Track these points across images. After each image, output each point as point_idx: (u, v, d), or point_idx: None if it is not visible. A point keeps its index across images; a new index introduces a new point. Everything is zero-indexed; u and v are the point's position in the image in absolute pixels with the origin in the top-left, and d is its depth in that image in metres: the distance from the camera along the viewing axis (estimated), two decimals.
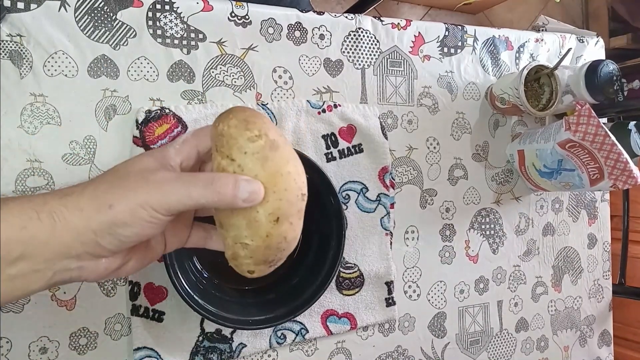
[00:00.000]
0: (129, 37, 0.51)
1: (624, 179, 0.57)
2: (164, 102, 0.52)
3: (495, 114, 0.70)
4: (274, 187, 0.31)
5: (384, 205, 0.61)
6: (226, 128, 0.32)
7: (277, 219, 0.31)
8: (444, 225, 0.67)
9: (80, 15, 0.49)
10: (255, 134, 0.32)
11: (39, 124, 0.47)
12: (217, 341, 0.54)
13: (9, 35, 0.46)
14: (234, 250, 0.33)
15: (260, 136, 0.32)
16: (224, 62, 0.55)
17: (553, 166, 0.63)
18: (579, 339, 0.77)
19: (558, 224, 0.75)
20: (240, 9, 0.55)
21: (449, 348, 0.67)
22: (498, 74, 0.70)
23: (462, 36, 0.68)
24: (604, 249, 0.79)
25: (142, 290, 0.51)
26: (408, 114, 0.64)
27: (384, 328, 0.63)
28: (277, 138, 0.32)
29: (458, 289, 0.67)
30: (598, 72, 0.60)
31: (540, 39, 0.73)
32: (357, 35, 0.61)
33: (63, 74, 0.48)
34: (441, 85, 0.66)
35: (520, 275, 0.72)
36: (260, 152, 0.31)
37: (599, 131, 0.55)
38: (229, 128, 0.32)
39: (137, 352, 0.50)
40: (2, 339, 0.46)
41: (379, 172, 0.61)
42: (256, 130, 0.32)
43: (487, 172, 0.70)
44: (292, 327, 0.57)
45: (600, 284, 0.79)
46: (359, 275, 0.60)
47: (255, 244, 0.32)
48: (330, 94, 0.60)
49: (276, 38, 0.57)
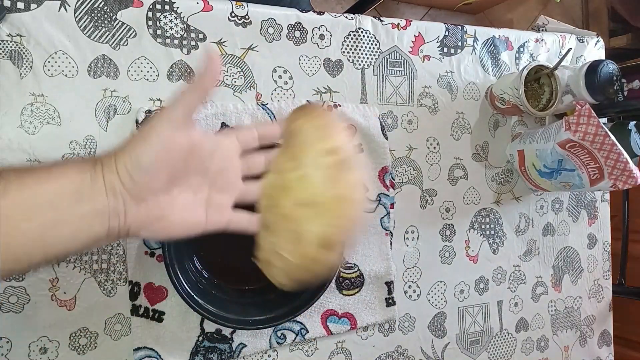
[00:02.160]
0: (129, 37, 0.51)
1: (624, 179, 0.57)
2: (164, 102, 0.52)
3: (495, 114, 0.70)
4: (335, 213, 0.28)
5: (384, 205, 0.61)
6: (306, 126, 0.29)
7: (325, 245, 0.28)
8: (444, 225, 0.67)
9: (80, 15, 0.49)
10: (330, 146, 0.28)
11: (39, 124, 0.47)
12: (217, 341, 0.54)
13: (9, 35, 0.46)
14: (268, 258, 0.30)
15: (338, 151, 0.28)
16: (224, 62, 0.55)
17: (553, 166, 0.63)
18: (579, 339, 0.77)
19: (558, 224, 0.75)
20: (240, 9, 0.55)
21: (449, 348, 0.67)
22: (498, 74, 0.70)
23: (462, 36, 0.68)
24: (604, 249, 0.79)
25: (142, 290, 0.51)
26: (408, 114, 0.64)
27: (384, 328, 0.63)
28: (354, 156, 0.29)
29: (458, 289, 0.67)
30: (598, 72, 0.60)
31: (540, 39, 0.73)
32: (357, 35, 0.61)
33: (63, 74, 0.48)
34: (441, 85, 0.66)
35: (520, 275, 0.72)
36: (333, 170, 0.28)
37: (599, 131, 0.55)
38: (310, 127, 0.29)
39: (137, 352, 0.50)
40: (2, 339, 0.46)
41: (379, 172, 0.61)
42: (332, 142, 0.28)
43: (487, 172, 0.70)
44: (292, 327, 0.57)
45: (600, 284, 0.79)
46: (359, 275, 0.60)
47: (295, 262, 0.29)
48: (330, 94, 0.60)
49: (276, 38, 0.57)
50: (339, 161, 0.28)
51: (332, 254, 0.28)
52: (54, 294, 0.48)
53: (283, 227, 0.29)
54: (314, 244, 0.28)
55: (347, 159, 0.29)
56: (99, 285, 0.50)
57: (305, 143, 0.29)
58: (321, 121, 0.30)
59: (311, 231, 0.27)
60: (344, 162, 0.28)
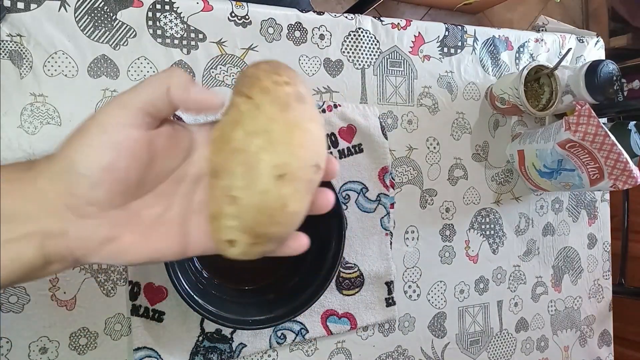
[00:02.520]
0: (129, 37, 0.51)
1: (624, 179, 0.57)
2: None
3: (495, 114, 0.70)
4: (288, 139, 0.25)
5: (384, 205, 0.61)
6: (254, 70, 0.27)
7: (281, 175, 0.25)
8: (444, 225, 0.67)
9: (80, 15, 0.49)
10: (285, 80, 0.27)
11: (39, 124, 0.47)
12: (217, 341, 0.54)
13: (9, 35, 0.46)
14: (218, 206, 0.26)
15: (289, 84, 0.27)
16: (224, 62, 0.55)
17: (553, 166, 0.63)
18: (579, 339, 0.77)
19: (558, 224, 0.75)
20: (240, 9, 0.55)
21: (449, 348, 0.67)
22: (498, 74, 0.70)
23: (462, 36, 0.68)
24: (604, 249, 0.79)
25: (142, 290, 0.51)
26: (408, 114, 0.64)
27: (384, 328, 0.63)
28: (307, 95, 0.28)
29: (458, 289, 0.67)
30: (598, 72, 0.60)
31: (540, 39, 0.73)
32: (357, 35, 0.61)
33: (63, 74, 0.48)
34: (441, 85, 0.66)
35: (520, 275, 0.72)
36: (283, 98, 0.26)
37: (599, 131, 0.55)
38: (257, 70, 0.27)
39: (137, 352, 0.50)
40: (2, 339, 0.46)
41: (379, 172, 0.61)
42: (286, 77, 0.27)
43: (487, 172, 0.70)
44: (292, 327, 0.57)
45: (600, 284, 0.79)
46: (359, 275, 0.60)
47: (247, 199, 0.25)
48: (330, 94, 0.60)
49: (276, 38, 0.57)
50: (293, 92, 0.26)
51: (288, 188, 0.25)
52: (54, 294, 0.48)
53: (234, 162, 0.25)
54: (269, 175, 0.25)
55: (302, 92, 0.27)
56: (99, 285, 0.50)
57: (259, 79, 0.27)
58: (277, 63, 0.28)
59: (264, 159, 0.25)
60: (299, 95, 0.27)
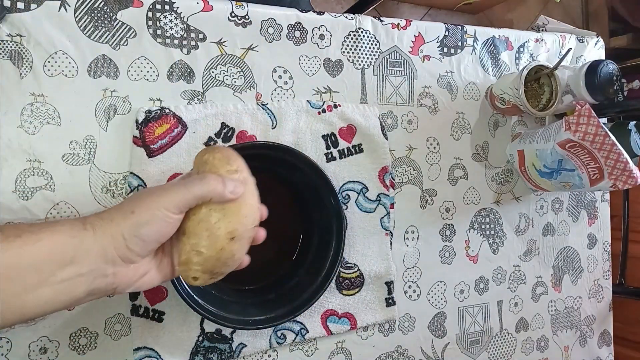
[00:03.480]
0: (129, 37, 0.51)
1: (624, 179, 0.57)
2: (164, 102, 0.52)
3: (495, 114, 0.70)
4: (238, 212, 0.39)
5: (384, 205, 0.61)
6: (211, 158, 0.40)
7: (233, 237, 0.38)
8: (444, 225, 0.67)
9: (80, 15, 0.49)
10: (234, 168, 0.40)
11: (39, 124, 0.47)
12: (217, 341, 0.54)
13: (9, 35, 0.46)
14: (188, 256, 0.38)
15: (237, 171, 0.40)
16: (224, 62, 0.55)
17: (553, 166, 0.63)
18: (579, 339, 0.77)
19: (558, 224, 0.75)
20: (240, 9, 0.55)
21: (449, 348, 0.67)
22: (498, 74, 0.70)
23: (462, 36, 0.68)
24: (604, 249, 0.79)
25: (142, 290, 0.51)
26: (408, 114, 0.64)
27: (384, 328, 0.63)
28: (249, 177, 0.41)
29: (458, 289, 0.67)
30: (598, 72, 0.60)
31: (540, 39, 0.73)
32: (357, 35, 0.61)
33: (63, 74, 0.48)
34: (441, 85, 0.66)
35: (520, 275, 0.72)
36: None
37: (599, 131, 0.55)
38: (214, 159, 0.40)
39: (137, 352, 0.50)
40: (2, 339, 0.46)
41: (379, 172, 0.61)
42: (235, 166, 0.40)
43: (487, 172, 0.70)
44: (292, 327, 0.57)
45: (600, 284, 0.79)
46: (359, 275, 0.60)
47: (209, 253, 0.38)
48: (330, 94, 0.60)
49: (276, 38, 0.57)
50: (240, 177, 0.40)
51: (237, 245, 0.39)
52: None
53: (200, 229, 0.38)
54: (224, 238, 0.38)
55: (246, 177, 0.40)
56: None
57: (215, 167, 0.39)
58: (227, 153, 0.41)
59: (221, 228, 0.38)
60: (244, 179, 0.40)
